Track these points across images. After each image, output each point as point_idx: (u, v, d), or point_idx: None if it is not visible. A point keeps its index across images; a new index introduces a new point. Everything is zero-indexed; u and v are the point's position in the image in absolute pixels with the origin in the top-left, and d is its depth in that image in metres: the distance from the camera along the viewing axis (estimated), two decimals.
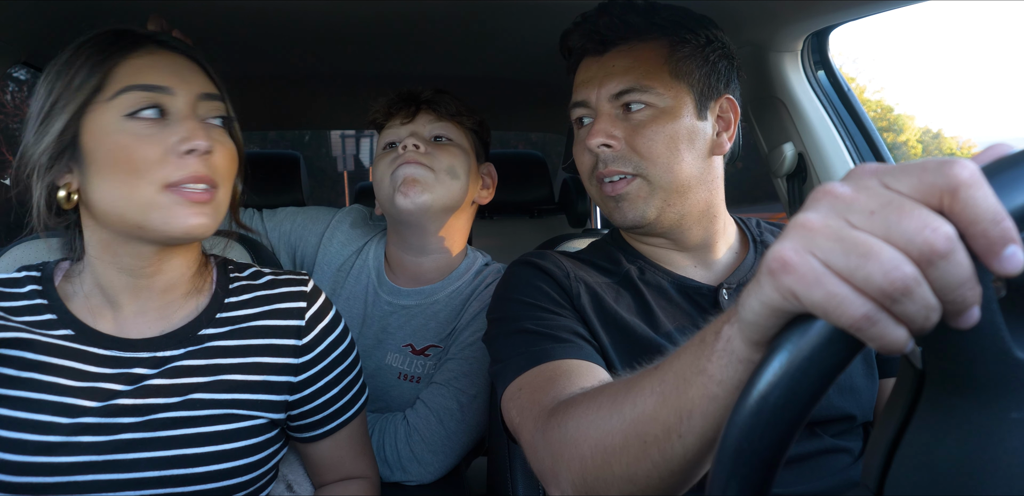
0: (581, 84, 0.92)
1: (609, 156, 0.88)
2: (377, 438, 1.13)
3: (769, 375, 0.35)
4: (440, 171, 1.18)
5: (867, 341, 0.34)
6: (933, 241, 0.32)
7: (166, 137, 0.75)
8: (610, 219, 0.92)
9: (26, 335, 0.79)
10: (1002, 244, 0.32)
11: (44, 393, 0.77)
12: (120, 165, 0.74)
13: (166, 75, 0.77)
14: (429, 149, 1.19)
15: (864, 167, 0.37)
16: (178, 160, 0.75)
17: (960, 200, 0.32)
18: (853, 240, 0.34)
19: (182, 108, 0.77)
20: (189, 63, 0.81)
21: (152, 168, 0.74)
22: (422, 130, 1.23)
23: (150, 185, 0.74)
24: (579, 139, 0.94)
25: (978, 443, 0.35)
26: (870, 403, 0.87)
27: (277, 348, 0.86)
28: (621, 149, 0.87)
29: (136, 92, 0.75)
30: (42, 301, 0.83)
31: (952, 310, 0.33)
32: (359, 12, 1.19)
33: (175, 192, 0.75)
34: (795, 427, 0.35)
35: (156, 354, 0.82)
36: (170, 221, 0.75)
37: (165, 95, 0.76)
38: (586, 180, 0.94)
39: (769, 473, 0.36)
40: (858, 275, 0.33)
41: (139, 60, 0.77)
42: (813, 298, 0.34)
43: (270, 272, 0.93)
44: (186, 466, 0.78)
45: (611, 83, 0.88)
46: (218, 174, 0.79)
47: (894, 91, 43.50)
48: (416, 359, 1.22)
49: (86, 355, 0.80)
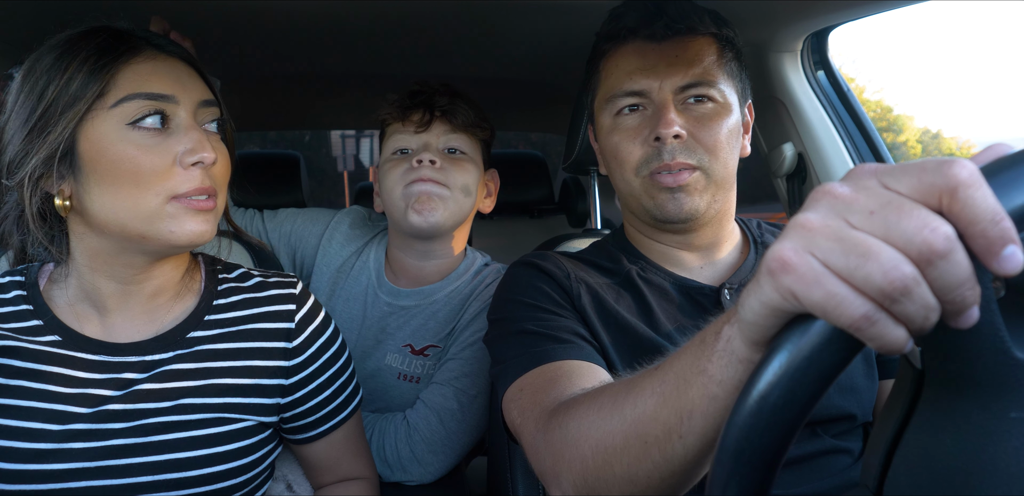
0: (637, 71, 0.88)
1: (676, 148, 0.85)
2: (377, 438, 1.13)
3: (769, 375, 0.35)
4: (455, 189, 1.17)
5: (866, 341, 0.34)
6: (932, 241, 0.32)
7: (171, 148, 0.74)
8: (661, 212, 0.88)
9: (12, 343, 0.78)
10: (1001, 244, 0.32)
11: (34, 400, 0.76)
12: (124, 176, 0.73)
13: (169, 83, 0.76)
14: (444, 164, 1.17)
15: (863, 167, 0.37)
16: (183, 171, 0.74)
17: (959, 200, 0.32)
18: (852, 240, 0.34)
19: (184, 117, 0.76)
20: (188, 69, 0.80)
21: (157, 179, 0.73)
22: (436, 141, 1.20)
23: (156, 196, 0.73)
24: (624, 128, 0.89)
25: (977, 443, 0.36)
26: (870, 403, 0.87)
27: (267, 351, 0.86)
28: (687, 141, 0.86)
29: (140, 100, 0.73)
30: (27, 307, 0.81)
31: (951, 310, 0.33)
32: (360, 12, 1.19)
33: (180, 202, 0.74)
34: (795, 427, 0.35)
35: (145, 358, 0.81)
36: (176, 230, 0.75)
37: (168, 104, 0.75)
38: (630, 173, 0.89)
39: (769, 473, 0.36)
40: (857, 275, 0.33)
41: (141, 66, 0.75)
42: (812, 298, 0.34)
43: (259, 274, 0.92)
44: (179, 470, 0.77)
45: (677, 75, 0.86)
46: (218, 182, 0.79)
47: (894, 91, 43.47)
48: (416, 359, 1.22)
49: (74, 361, 0.79)
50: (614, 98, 0.90)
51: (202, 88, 0.80)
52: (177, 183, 0.74)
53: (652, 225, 0.93)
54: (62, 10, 1.07)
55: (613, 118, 0.91)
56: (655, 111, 0.87)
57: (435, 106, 1.19)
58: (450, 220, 1.18)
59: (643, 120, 0.88)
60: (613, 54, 0.92)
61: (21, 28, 1.11)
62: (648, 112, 0.88)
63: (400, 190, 1.17)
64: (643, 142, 0.87)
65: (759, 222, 1.02)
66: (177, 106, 0.76)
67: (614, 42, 0.91)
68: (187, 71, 0.80)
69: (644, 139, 0.87)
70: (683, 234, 0.92)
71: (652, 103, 0.88)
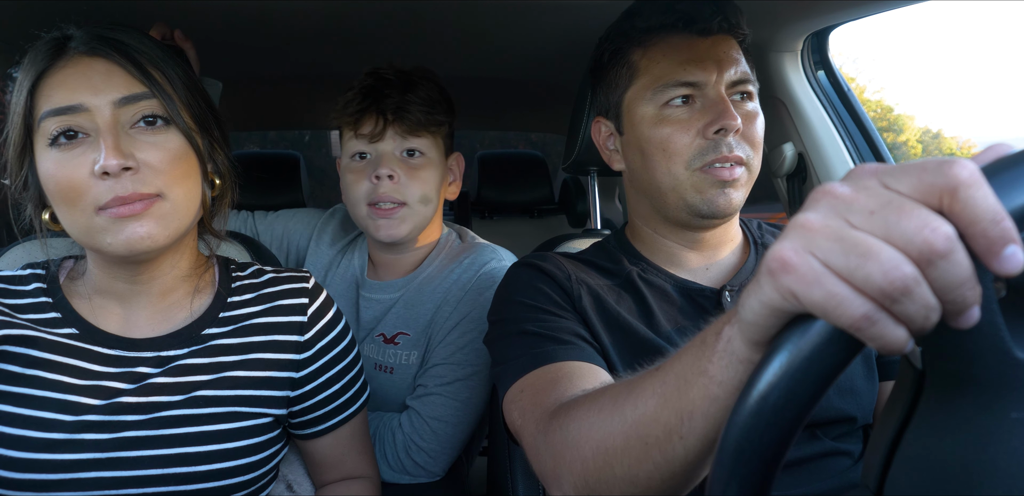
0: (689, 62, 0.86)
1: (733, 142, 0.85)
2: (379, 447, 1.14)
3: (769, 375, 0.35)
4: (415, 202, 1.16)
5: (867, 341, 0.34)
6: (933, 241, 0.32)
7: (85, 160, 0.73)
8: (706, 207, 0.86)
9: (31, 332, 0.79)
10: (1002, 244, 0.32)
11: (48, 390, 0.77)
12: (58, 194, 0.74)
13: (74, 90, 0.73)
14: (402, 175, 1.15)
15: (864, 167, 0.37)
16: (102, 182, 0.72)
17: (960, 200, 0.32)
18: (853, 240, 0.33)
19: (99, 123, 0.73)
20: (106, 65, 0.75)
21: (81, 194, 0.72)
22: (392, 147, 1.16)
23: (82, 212, 0.73)
24: (675, 120, 0.87)
25: (978, 443, 0.35)
26: (870, 405, 0.87)
27: (280, 344, 0.87)
28: (740, 136, 0.86)
29: (50, 118, 0.73)
30: (47, 299, 0.83)
31: (952, 310, 0.33)
32: (360, 12, 1.19)
33: (107, 213, 0.73)
34: (795, 427, 0.35)
35: (160, 353, 0.82)
36: (112, 241, 0.74)
37: (76, 115, 0.73)
38: (680, 166, 0.86)
39: (769, 474, 0.36)
40: (858, 275, 0.33)
41: (53, 78, 0.74)
42: (813, 298, 0.34)
43: (271, 270, 0.94)
44: (189, 464, 0.78)
45: (731, 69, 0.86)
46: (155, 183, 0.75)
47: (894, 91, 43.53)
48: (387, 348, 1.23)
49: (90, 354, 0.80)
50: (665, 88, 0.87)
51: (123, 82, 0.75)
52: (97, 195, 0.73)
53: (678, 222, 0.91)
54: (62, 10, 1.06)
55: (659, 109, 0.88)
56: (710, 103, 0.85)
57: (386, 109, 1.15)
58: (415, 231, 1.18)
59: (694, 112, 0.86)
60: (656, 45, 0.89)
61: (21, 28, 1.11)
62: (698, 105, 0.86)
63: (363, 208, 1.17)
64: (698, 134, 0.85)
65: (759, 223, 1.02)
66: (89, 113, 0.73)
67: (656, 34, 0.89)
68: (104, 68, 0.75)
69: (699, 131, 0.85)
70: (700, 231, 0.91)
71: (704, 96, 0.86)
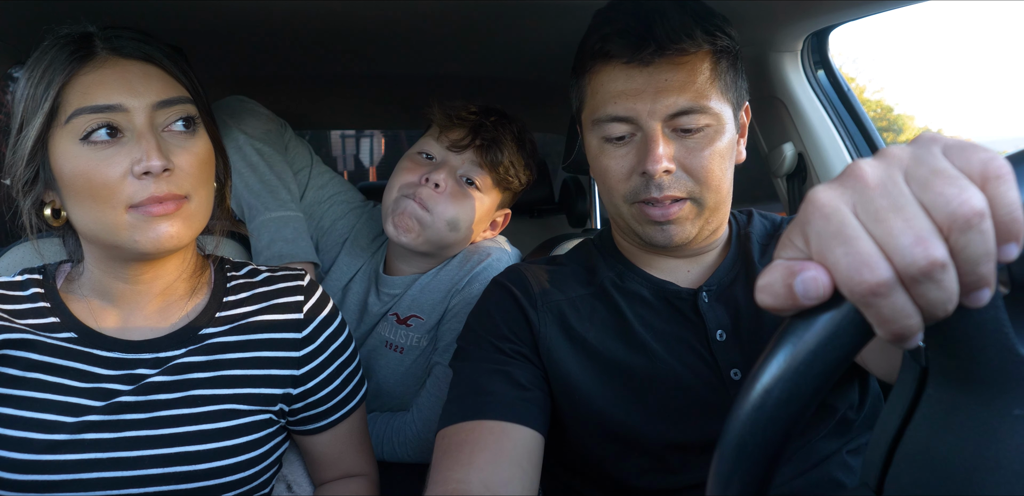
0: (622, 96, 0.81)
1: (665, 182, 0.80)
2: (377, 446, 1.15)
3: (773, 369, 0.35)
4: (439, 219, 1.14)
5: (879, 326, 0.33)
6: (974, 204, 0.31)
7: (122, 159, 0.74)
8: (649, 240, 0.86)
9: (30, 336, 0.80)
10: (1017, 233, 0.32)
11: (49, 393, 0.77)
12: (82, 190, 0.74)
13: (115, 91, 0.74)
14: (448, 192, 1.15)
15: (929, 134, 0.35)
16: (137, 181, 0.74)
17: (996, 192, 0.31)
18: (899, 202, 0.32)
19: (137, 124, 0.75)
20: (143, 68, 0.77)
21: (113, 191, 0.74)
22: (459, 166, 1.17)
23: (113, 209, 0.74)
24: (613, 155, 0.84)
25: (980, 440, 0.35)
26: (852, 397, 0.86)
27: (277, 342, 0.87)
28: (676, 172, 0.81)
29: (86, 115, 0.73)
30: (45, 304, 0.83)
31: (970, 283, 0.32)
32: (360, 13, 1.19)
33: (138, 211, 0.74)
34: (798, 422, 0.35)
35: (158, 355, 0.83)
36: (140, 239, 0.75)
37: (115, 113, 0.74)
38: (619, 199, 0.85)
39: (771, 468, 0.36)
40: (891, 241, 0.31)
41: (88, 77, 0.74)
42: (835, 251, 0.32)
43: (267, 269, 0.94)
44: (189, 463, 0.78)
45: (666, 101, 0.79)
46: (185, 185, 0.77)
47: (894, 91, 43.50)
48: (400, 329, 1.23)
49: (90, 357, 0.81)
50: (599, 122, 0.84)
51: (160, 87, 0.77)
52: (131, 194, 0.74)
53: (640, 246, 0.92)
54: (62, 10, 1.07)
55: (600, 141, 0.85)
56: (643, 140, 0.81)
57: (484, 134, 1.16)
58: (424, 245, 1.17)
59: (631, 148, 0.83)
60: (598, 72, 0.84)
61: (21, 28, 1.11)
62: (636, 139, 0.82)
63: (394, 195, 1.17)
64: (631, 172, 0.83)
65: (752, 211, 0.99)
66: (127, 113, 0.75)
67: (598, 60, 0.83)
68: (142, 71, 0.77)
69: (633, 169, 0.82)
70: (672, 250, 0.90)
71: (640, 129, 0.81)
